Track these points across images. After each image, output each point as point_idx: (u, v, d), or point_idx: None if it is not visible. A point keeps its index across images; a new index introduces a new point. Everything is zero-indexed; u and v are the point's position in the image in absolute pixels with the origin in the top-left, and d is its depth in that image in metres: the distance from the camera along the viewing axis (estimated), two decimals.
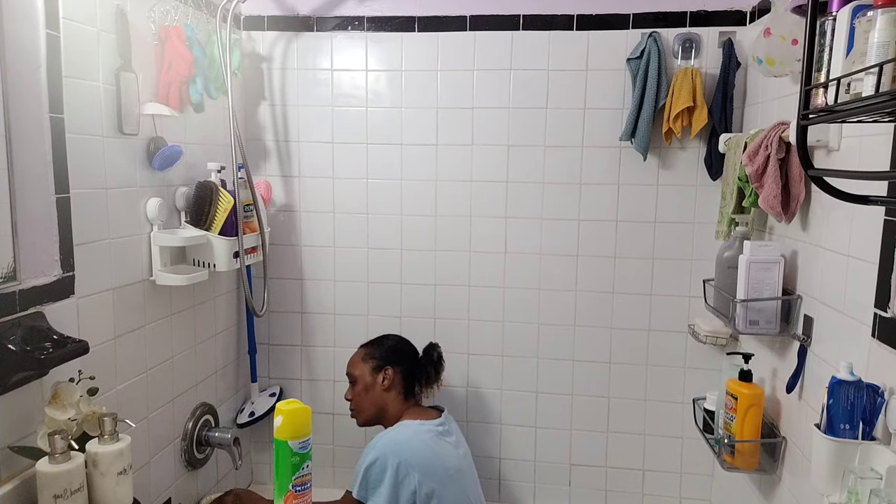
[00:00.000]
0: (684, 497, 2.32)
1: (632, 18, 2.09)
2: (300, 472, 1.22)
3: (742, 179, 1.73)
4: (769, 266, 1.64)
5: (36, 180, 1.34)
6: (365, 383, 1.97)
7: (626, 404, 2.30)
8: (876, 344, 1.25)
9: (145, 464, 1.80)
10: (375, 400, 1.96)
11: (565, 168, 2.20)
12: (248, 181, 2.05)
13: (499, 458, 2.38)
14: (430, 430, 1.86)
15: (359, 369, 2.00)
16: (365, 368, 1.99)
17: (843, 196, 1.04)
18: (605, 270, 2.24)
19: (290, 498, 1.22)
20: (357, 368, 2.00)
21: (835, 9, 0.99)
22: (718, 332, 2.02)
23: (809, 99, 1.01)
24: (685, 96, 1.99)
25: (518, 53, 2.16)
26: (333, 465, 2.48)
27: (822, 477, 1.25)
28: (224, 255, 1.91)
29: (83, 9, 1.50)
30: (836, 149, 1.45)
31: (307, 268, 2.39)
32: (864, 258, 1.31)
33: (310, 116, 2.30)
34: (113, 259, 1.63)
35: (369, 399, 1.97)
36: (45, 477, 1.26)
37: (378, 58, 2.24)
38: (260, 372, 2.43)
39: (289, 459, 1.21)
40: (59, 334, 1.35)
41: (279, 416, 1.21)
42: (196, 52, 1.85)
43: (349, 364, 2.03)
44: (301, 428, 1.22)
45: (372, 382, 1.97)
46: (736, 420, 1.72)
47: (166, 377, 1.89)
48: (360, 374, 1.99)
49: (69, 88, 1.43)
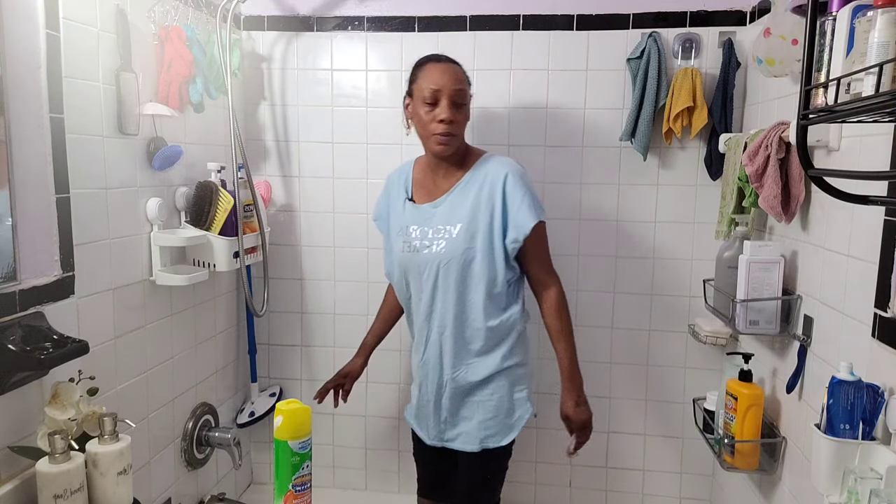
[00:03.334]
0: (684, 497, 2.32)
1: (632, 18, 2.09)
2: (300, 472, 1.23)
3: (742, 179, 1.73)
4: (769, 266, 1.64)
5: (36, 180, 1.34)
6: (469, 109, 1.68)
7: (626, 404, 2.30)
8: (876, 344, 1.25)
9: (145, 464, 1.80)
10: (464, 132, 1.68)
11: (565, 168, 2.20)
12: (248, 181, 2.05)
13: None
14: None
15: (467, 91, 1.67)
16: (469, 93, 1.68)
17: (843, 196, 1.03)
18: (605, 270, 2.24)
19: (290, 498, 1.23)
20: (467, 89, 1.67)
21: (835, 9, 0.99)
22: (718, 332, 2.02)
23: (809, 99, 1.01)
24: (685, 96, 1.99)
25: (518, 53, 2.16)
26: (333, 465, 2.48)
27: (822, 477, 1.25)
28: (224, 255, 1.91)
29: (83, 9, 1.50)
30: (836, 149, 1.45)
31: (307, 268, 2.39)
32: (864, 258, 1.31)
33: (310, 116, 2.30)
34: (113, 259, 1.63)
35: (464, 129, 1.68)
36: (45, 477, 1.25)
37: (378, 58, 2.24)
38: (260, 372, 2.43)
39: (289, 459, 1.21)
40: (59, 334, 1.35)
41: (279, 416, 1.21)
42: (196, 52, 1.85)
43: (459, 80, 1.64)
44: (301, 428, 1.22)
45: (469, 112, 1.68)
46: (736, 420, 1.72)
47: (166, 377, 1.89)
48: (468, 97, 1.67)
49: (69, 88, 1.43)
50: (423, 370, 1.75)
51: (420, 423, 1.83)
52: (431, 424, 1.77)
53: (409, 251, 1.70)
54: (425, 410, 1.78)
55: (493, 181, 1.64)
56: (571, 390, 1.70)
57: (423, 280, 1.69)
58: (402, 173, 1.82)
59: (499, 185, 1.64)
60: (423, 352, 1.74)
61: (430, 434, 1.78)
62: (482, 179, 1.66)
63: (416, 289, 1.72)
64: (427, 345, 1.73)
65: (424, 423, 1.80)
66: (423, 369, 1.76)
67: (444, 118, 1.60)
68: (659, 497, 2.33)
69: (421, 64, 1.69)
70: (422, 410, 1.80)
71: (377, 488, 2.47)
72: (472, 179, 1.67)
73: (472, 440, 1.72)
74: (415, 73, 1.69)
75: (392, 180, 1.84)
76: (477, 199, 1.65)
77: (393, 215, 1.78)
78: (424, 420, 1.80)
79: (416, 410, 1.83)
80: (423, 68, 1.67)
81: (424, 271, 1.68)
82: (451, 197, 1.69)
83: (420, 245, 1.68)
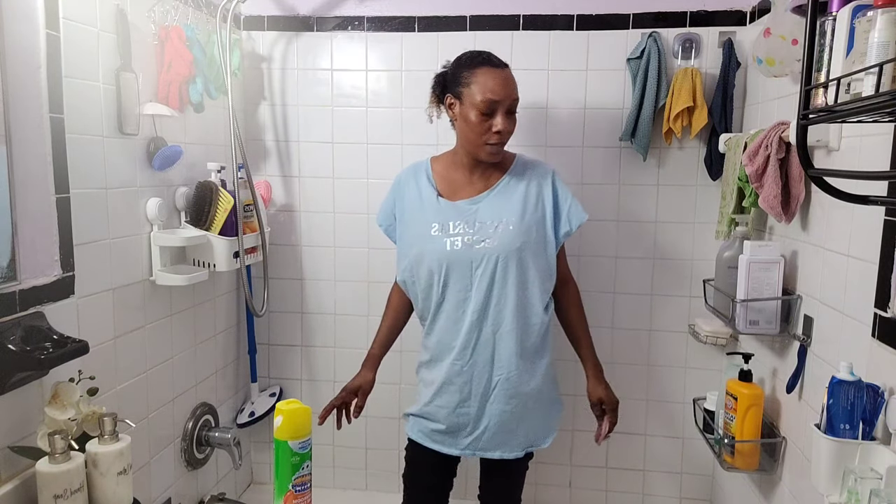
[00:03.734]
0: (684, 497, 2.32)
1: (632, 18, 2.09)
2: (300, 472, 1.22)
3: (742, 179, 1.73)
4: (769, 266, 1.64)
5: (36, 180, 1.34)
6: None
7: (626, 404, 2.27)
8: (876, 344, 1.25)
9: (145, 464, 1.80)
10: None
11: (565, 168, 2.19)
12: (248, 181, 2.05)
13: None
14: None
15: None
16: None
17: (843, 196, 1.03)
18: (605, 270, 2.24)
19: (290, 498, 1.22)
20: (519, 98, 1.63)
21: (835, 9, 0.99)
22: (718, 332, 2.02)
23: (809, 99, 1.01)
24: (685, 96, 1.99)
25: (518, 53, 2.16)
26: (333, 465, 2.48)
27: (822, 477, 1.25)
28: (224, 255, 1.91)
29: (83, 9, 1.50)
30: (836, 149, 1.45)
31: (307, 268, 2.39)
32: (864, 258, 1.31)
33: (310, 116, 2.30)
34: (113, 259, 1.63)
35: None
36: (45, 477, 1.25)
37: (378, 58, 2.24)
38: (260, 372, 2.43)
39: (289, 459, 1.21)
40: (59, 334, 1.35)
41: (279, 416, 1.21)
42: (196, 52, 1.85)
43: (516, 89, 1.61)
44: (301, 428, 1.22)
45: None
46: (736, 420, 1.72)
47: (166, 377, 1.89)
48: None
49: (69, 88, 1.43)
50: (466, 375, 1.64)
51: (446, 436, 1.69)
52: (467, 432, 1.66)
53: (459, 246, 1.60)
54: (462, 420, 1.66)
55: (541, 179, 1.69)
56: (599, 375, 1.76)
57: (477, 276, 1.61)
58: (418, 172, 1.74)
59: (548, 182, 1.69)
60: (471, 355, 1.63)
61: (461, 445, 1.67)
62: (528, 178, 1.69)
63: (461, 287, 1.62)
64: (476, 346, 1.63)
65: (453, 435, 1.68)
66: (464, 374, 1.64)
67: (502, 129, 1.57)
68: (659, 497, 2.33)
69: (474, 65, 1.59)
70: (457, 419, 1.66)
71: (377, 488, 2.47)
72: (515, 178, 1.68)
73: (517, 446, 1.68)
74: (465, 74, 1.59)
75: (403, 181, 1.75)
76: (526, 195, 1.66)
77: (418, 215, 1.68)
78: (455, 432, 1.67)
79: (444, 422, 1.67)
80: (477, 73, 1.57)
81: (480, 266, 1.60)
82: (494, 194, 1.66)
83: (473, 239, 1.60)
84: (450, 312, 1.65)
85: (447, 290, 1.64)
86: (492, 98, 1.55)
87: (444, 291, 1.64)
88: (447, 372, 1.65)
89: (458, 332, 1.63)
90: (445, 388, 1.66)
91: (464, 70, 1.60)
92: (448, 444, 1.69)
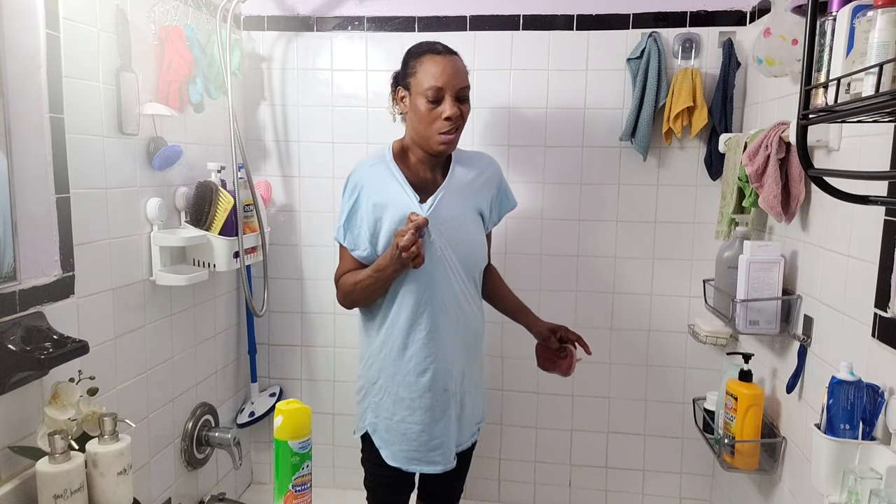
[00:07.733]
0: (684, 497, 2.32)
1: (632, 18, 2.09)
2: (300, 472, 1.22)
3: (742, 179, 1.73)
4: (769, 266, 1.64)
5: (36, 180, 1.34)
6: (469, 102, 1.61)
7: (626, 404, 2.30)
8: (876, 344, 1.25)
9: (145, 464, 1.80)
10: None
11: (565, 168, 2.20)
12: (248, 181, 2.05)
13: (499, 458, 2.38)
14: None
15: (469, 84, 1.60)
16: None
17: (843, 196, 1.03)
18: (605, 270, 2.24)
19: (290, 498, 1.22)
20: (469, 82, 1.60)
21: (835, 9, 0.99)
22: (718, 332, 2.02)
23: (809, 99, 1.01)
24: (685, 96, 1.99)
25: (518, 53, 2.16)
26: (333, 465, 2.48)
27: (822, 477, 1.25)
28: (224, 255, 1.91)
29: (83, 9, 1.50)
30: (836, 149, 1.45)
31: (307, 268, 2.38)
32: (864, 258, 1.31)
33: (310, 116, 2.30)
34: (113, 259, 1.63)
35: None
36: (45, 477, 1.25)
37: (378, 58, 2.24)
38: (260, 372, 2.43)
39: (289, 459, 1.21)
40: (59, 334, 1.35)
41: (279, 416, 1.21)
42: (196, 52, 1.85)
43: (463, 75, 1.57)
44: (301, 428, 1.22)
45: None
46: (736, 420, 1.72)
47: (166, 377, 1.89)
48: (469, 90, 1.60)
49: (69, 88, 1.43)
50: (448, 375, 1.60)
51: (433, 452, 1.60)
52: (453, 437, 1.63)
53: (444, 249, 1.56)
54: (449, 428, 1.61)
55: (492, 169, 1.74)
56: (537, 316, 1.82)
57: (454, 273, 1.59)
58: (383, 175, 1.61)
59: (497, 173, 1.75)
60: (450, 352, 1.60)
61: (448, 457, 1.62)
62: (476, 168, 1.69)
63: (443, 286, 1.57)
64: (452, 342, 1.60)
65: (443, 446, 1.61)
66: (448, 374, 1.60)
67: (451, 115, 1.53)
68: (659, 497, 2.33)
69: (418, 54, 1.57)
70: (445, 429, 1.60)
71: None
72: (462, 169, 1.67)
73: (475, 432, 1.74)
74: (411, 64, 1.57)
75: (365, 187, 1.60)
76: (476, 186, 1.67)
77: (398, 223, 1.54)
78: (445, 442, 1.60)
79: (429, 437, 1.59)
80: (421, 61, 1.55)
81: (457, 263, 1.59)
82: (450, 188, 1.61)
83: (453, 239, 1.58)
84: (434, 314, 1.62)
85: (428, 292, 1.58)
86: (436, 84, 1.52)
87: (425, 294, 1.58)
88: (433, 378, 1.62)
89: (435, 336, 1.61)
90: (428, 404, 1.62)
91: (411, 60, 1.59)
92: (436, 461, 1.65)
